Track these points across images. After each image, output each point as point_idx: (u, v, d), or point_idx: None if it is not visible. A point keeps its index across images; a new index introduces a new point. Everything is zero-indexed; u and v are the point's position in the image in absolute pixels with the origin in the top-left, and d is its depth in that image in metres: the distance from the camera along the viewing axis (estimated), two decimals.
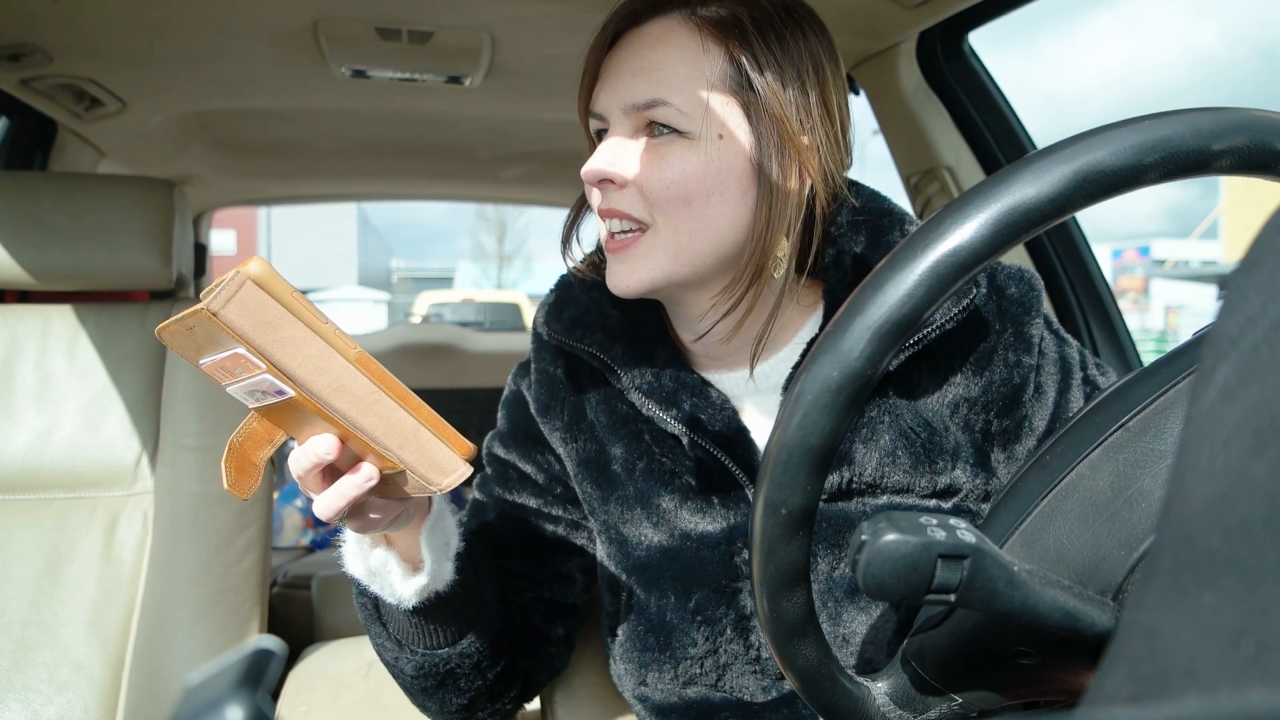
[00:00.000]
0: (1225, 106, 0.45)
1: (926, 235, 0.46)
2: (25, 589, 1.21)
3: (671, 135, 0.77)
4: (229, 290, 0.53)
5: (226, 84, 1.74)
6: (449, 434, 0.62)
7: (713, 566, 0.85)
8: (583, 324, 0.90)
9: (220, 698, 0.26)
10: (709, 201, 0.77)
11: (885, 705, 0.59)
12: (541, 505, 0.95)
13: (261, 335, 0.54)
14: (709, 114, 0.76)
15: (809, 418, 0.47)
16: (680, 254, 0.78)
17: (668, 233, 0.78)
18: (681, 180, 0.76)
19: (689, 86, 0.76)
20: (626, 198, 0.78)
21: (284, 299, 0.55)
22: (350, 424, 0.59)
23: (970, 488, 0.82)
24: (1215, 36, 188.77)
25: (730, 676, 0.85)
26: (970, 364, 0.83)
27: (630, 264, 0.79)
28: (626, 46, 0.79)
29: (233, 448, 0.65)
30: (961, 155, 1.58)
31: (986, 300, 0.84)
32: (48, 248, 1.27)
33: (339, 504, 0.63)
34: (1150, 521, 0.48)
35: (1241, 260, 0.23)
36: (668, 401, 0.85)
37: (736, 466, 0.84)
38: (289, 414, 0.61)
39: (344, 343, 0.58)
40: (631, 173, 0.77)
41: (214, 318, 0.53)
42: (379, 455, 0.61)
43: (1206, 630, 0.19)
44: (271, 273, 0.55)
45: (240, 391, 0.60)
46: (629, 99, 0.77)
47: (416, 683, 0.86)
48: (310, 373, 0.56)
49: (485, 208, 23.49)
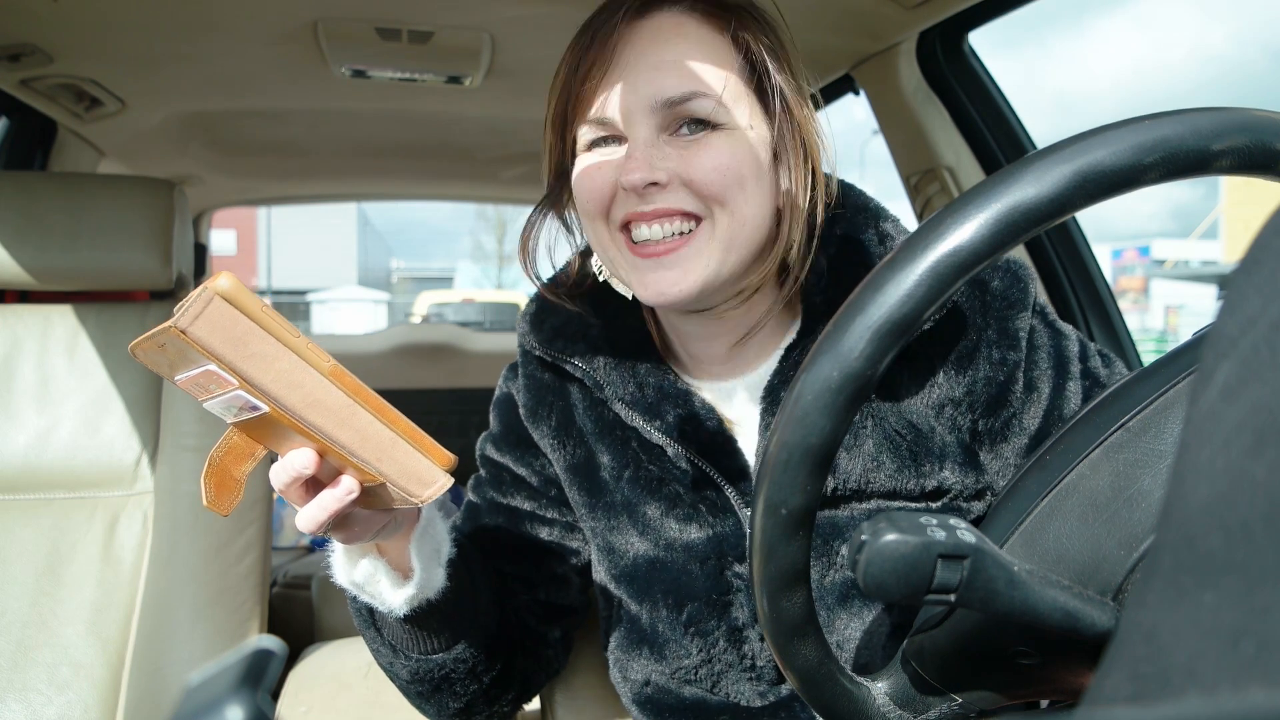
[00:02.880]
0: (1225, 106, 0.45)
1: (926, 235, 0.46)
2: (25, 589, 1.21)
3: (705, 129, 0.74)
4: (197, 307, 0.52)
5: (226, 84, 1.74)
6: (428, 445, 0.61)
7: (703, 580, 0.84)
8: (565, 334, 0.88)
9: (220, 698, 0.26)
10: (753, 189, 0.75)
11: (885, 705, 0.59)
12: (536, 508, 0.94)
13: (231, 351, 0.54)
14: (738, 104, 0.75)
15: (809, 418, 0.47)
16: (732, 244, 0.75)
17: (724, 220, 0.74)
18: (733, 165, 0.73)
19: (718, 78, 0.74)
20: (675, 195, 0.74)
21: (254, 314, 0.54)
22: (326, 438, 0.58)
23: (960, 488, 0.81)
24: (1224, 37, 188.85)
25: (726, 683, 0.85)
26: (952, 363, 0.81)
27: (682, 267, 0.74)
28: (634, 43, 0.75)
29: (212, 463, 0.64)
30: (961, 155, 1.58)
31: (968, 296, 0.81)
32: (48, 248, 1.27)
33: (320, 517, 0.63)
34: (1150, 521, 0.48)
35: (1241, 260, 0.23)
36: (651, 412, 0.84)
37: (721, 476, 0.83)
38: (267, 429, 0.61)
39: (317, 356, 0.57)
40: (675, 170, 0.74)
41: (183, 335, 0.52)
42: (358, 468, 0.60)
43: (1206, 630, 0.19)
44: (240, 288, 0.54)
45: (216, 407, 0.59)
46: (660, 94, 0.73)
47: (412, 687, 0.86)
48: (283, 388, 0.56)
49: (485, 208, 23.49)
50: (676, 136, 0.74)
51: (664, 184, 0.73)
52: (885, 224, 0.85)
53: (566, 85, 0.77)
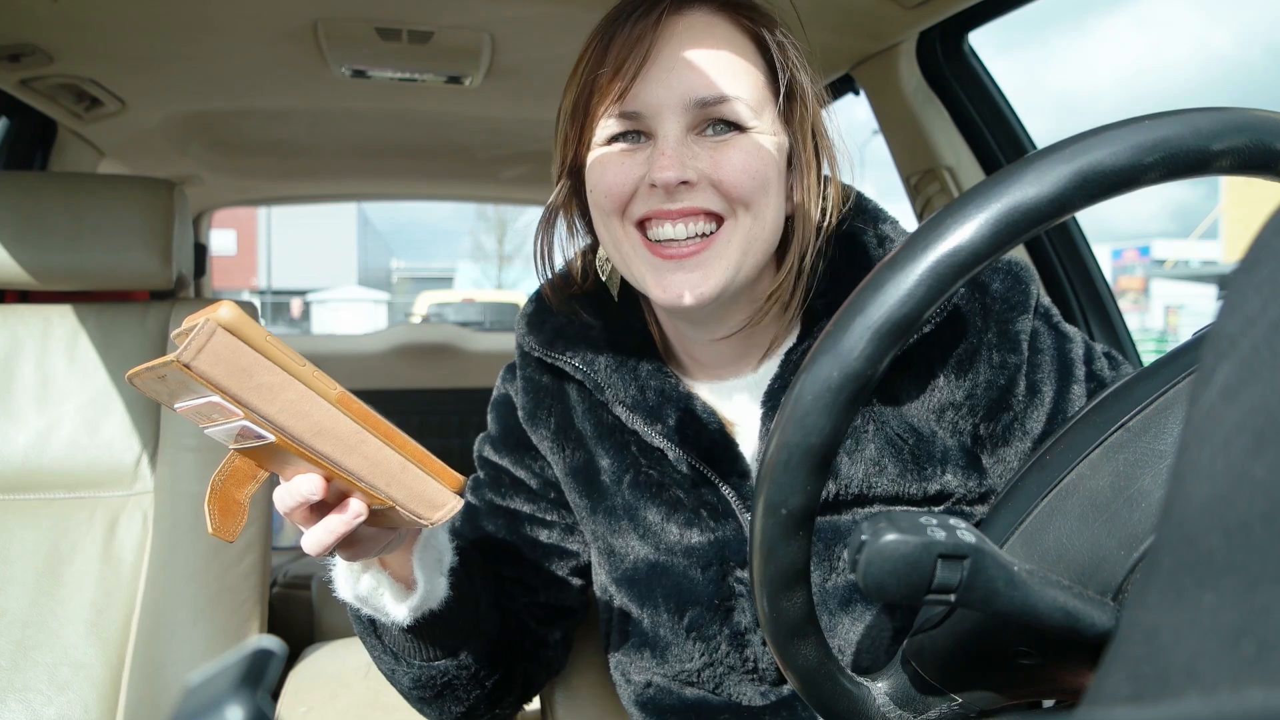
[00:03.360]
0: (1225, 106, 0.45)
1: (926, 235, 0.46)
2: (25, 589, 1.21)
3: (733, 132, 0.73)
4: (200, 340, 0.51)
5: (226, 84, 1.74)
6: (437, 468, 0.61)
7: (704, 586, 0.83)
8: (565, 336, 0.88)
9: (220, 698, 0.26)
10: (774, 193, 0.75)
11: (885, 705, 0.59)
12: (535, 510, 0.94)
13: (236, 383, 0.52)
14: (764, 108, 0.75)
15: (809, 418, 0.47)
16: (750, 247, 0.75)
17: (746, 222, 0.74)
18: (760, 168, 0.73)
19: (750, 81, 0.74)
20: (702, 195, 0.73)
21: (258, 344, 0.53)
22: (335, 465, 0.57)
23: (963, 492, 0.80)
24: (1227, 37, 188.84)
25: (728, 685, 0.85)
26: (953, 367, 0.80)
27: (704, 269, 0.74)
28: (670, 40, 0.73)
29: (215, 489, 0.62)
30: (961, 155, 1.58)
31: (968, 299, 0.80)
32: (48, 248, 1.27)
33: (327, 540, 0.62)
34: (1150, 521, 0.48)
35: (1241, 260, 0.23)
36: (653, 415, 0.83)
37: (722, 479, 0.83)
38: (271, 454, 0.60)
39: (324, 384, 0.56)
40: (705, 170, 0.73)
41: (186, 369, 0.51)
42: (366, 492, 0.59)
43: (1206, 630, 0.19)
44: (243, 317, 0.53)
45: (219, 435, 0.58)
46: (695, 93, 0.72)
47: (414, 693, 0.86)
48: (290, 418, 0.55)
49: (485, 208, 23.48)
50: (703, 136, 0.74)
51: (694, 183, 0.73)
52: (884, 226, 0.84)
53: (588, 76, 0.76)
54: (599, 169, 0.76)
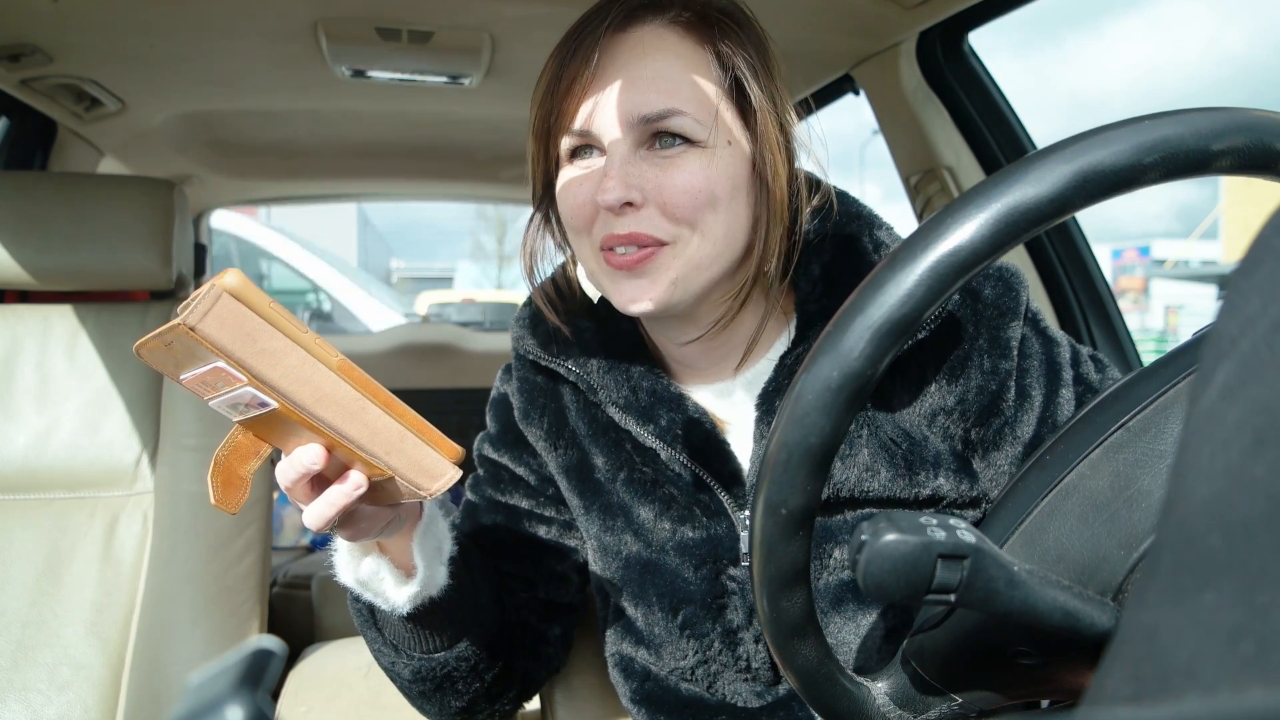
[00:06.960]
0: (1225, 106, 0.45)
1: (926, 235, 0.46)
2: (25, 589, 1.21)
3: (683, 146, 0.73)
4: (205, 304, 0.52)
5: (226, 84, 1.74)
6: (436, 438, 0.62)
7: (697, 584, 0.84)
8: (559, 339, 0.89)
9: (220, 698, 0.26)
10: (726, 208, 0.75)
11: (885, 705, 0.59)
12: (534, 506, 0.94)
13: (241, 348, 0.54)
14: (718, 120, 0.74)
15: (809, 417, 0.47)
16: (701, 264, 0.75)
17: (694, 242, 0.74)
18: (707, 188, 0.73)
19: (697, 94, 0.74)
20: (647, 219, 0.74)
21: (262, 310, 0.54)
22: (336, 433, 0.58)
23: (954, 496, 0.80)
24: (1239, 37, 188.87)
25: (722, 684, 0.85)
26: (944, 372, 0.80)
27: (650, 278, 0.74)
28: (615, 58, 0.74)
29: (218, 462, 0.63)
30: (961, 155, 1.58)
31: (960, 305, 0.81)
32: (48, 248, 1.27)
33: (328, 513, 0.63)
34: (1150, 521, 0.48)
35: (1241, 260, 0.23)
36: (645, 416, 0.84)
37: (714, 479, 0.83)
38: (274, 425, 0.61)
39: (325, 351, 0.57)
40: (649, 190, 0.73)
41: (191, 332, 0.52)
42: (366, 463, 0.60)
43: (1206, 630, 0.19)
44: (248, 283, 0.54)
45: (223, 405, 0.59)
46: (638, 110, 0.73)
47: (414, 686, 0.86)
48: (292, 384, 0.56)
49: (485, 208, 23.48)
50: (653, 152, 0.74)
51: (638, 204, 0.73)
52: (879, 232, 0.84)
53: (547, 97, 0.77)
54: (564, 192, 0.78)
